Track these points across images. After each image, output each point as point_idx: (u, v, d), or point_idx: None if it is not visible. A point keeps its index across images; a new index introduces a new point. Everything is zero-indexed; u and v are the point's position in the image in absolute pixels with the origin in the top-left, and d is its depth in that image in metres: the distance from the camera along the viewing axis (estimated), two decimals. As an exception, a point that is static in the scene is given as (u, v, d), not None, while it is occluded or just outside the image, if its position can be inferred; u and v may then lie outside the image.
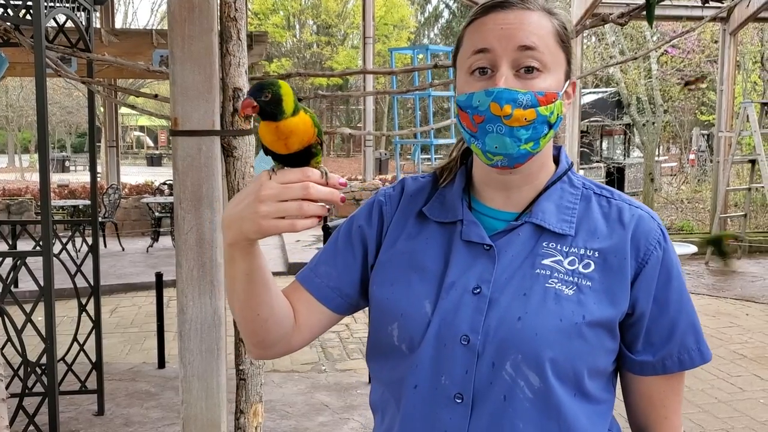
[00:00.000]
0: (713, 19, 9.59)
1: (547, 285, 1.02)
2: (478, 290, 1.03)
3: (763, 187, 9.82)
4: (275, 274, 8.75)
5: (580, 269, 1.03)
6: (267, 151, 0.95)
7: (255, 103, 0.89)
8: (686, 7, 10.35)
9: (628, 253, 1.05)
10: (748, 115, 9.79)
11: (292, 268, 9.10)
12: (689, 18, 10.20)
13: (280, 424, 4.43)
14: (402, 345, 1.06)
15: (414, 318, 1.05)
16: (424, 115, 13.53)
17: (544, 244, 1.05)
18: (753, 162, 10.26)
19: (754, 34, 16.81)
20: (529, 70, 1.01)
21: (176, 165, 2.43)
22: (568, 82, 1.07)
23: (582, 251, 1.05)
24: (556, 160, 1.14)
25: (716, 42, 14.07)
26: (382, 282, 1.11)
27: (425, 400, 1.04)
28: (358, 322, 6.84)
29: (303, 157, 0.94)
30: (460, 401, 1.01)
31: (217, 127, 2.45)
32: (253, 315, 1.06)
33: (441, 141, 11.66)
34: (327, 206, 0.92)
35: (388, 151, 22.48)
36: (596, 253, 1.05)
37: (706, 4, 4.29)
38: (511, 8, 1.03)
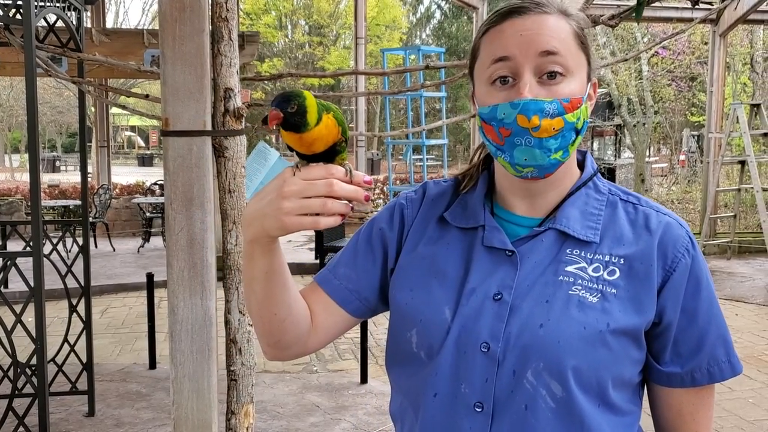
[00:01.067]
0: (703, 20, 9.65)
1: (570, 292, 0.99)
2: (499, 296, 1.01)
3: (752, 187, 9.88)
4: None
5: (605, 276, 1.01)
6: (291, 149, 0.95)
7: (282, 114, 0.87)
8: (676, 8, 10.41)
9: (654, 260, 1.02)
10: (737, 117, 9.85)
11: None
12: (679, 19, 10.25)
13: (272, 425, 4.43)
14: (420, 352, 1.04)
15: (433, 324, 1.03)
16: (416, 116, 13.54)
17: (567, 250, 1.03)
18: (742, 163, 10.32)
19: (744, 35, 16.92)
20: (552, 75, 0.98)
21: (167, 165, 2.43)
22: (589, 84, 1.05)
23: (607, 258, 1.02)
24: (582, 166, 1.12)
25: (706, 44, 14.15)
26: (401, 287, 1.09)
27: (445, 409, 1.01)
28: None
29: (327, 155, 0.93)
30: (480, 410, 0.99)
31: (209, 128, 2.44)
32: (270, 315, 1.05)
33: (433, 142, 11.67)
34: (351, 204, 0.90)
35: (380, 152, 22.48)
36: (621, 260, 1.02)
37: (696, 6, 4.31)
38: (528, 13, 1.00)
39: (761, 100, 12.47)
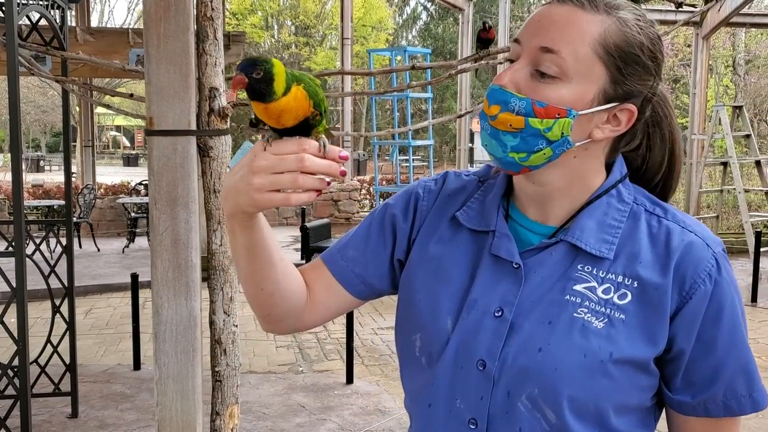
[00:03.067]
0: (686, 23, 9.74)
1: (575, 315, 0.93)
2: (499, 313, 0.96)
3: (734, 188, 9.98)
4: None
5: (615, 299, 0.93)
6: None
7: (246, 80, 0.83)
8: (660, 10, 10.50)
9: (670, 286, 0.93)
10: (720, 118, 9.94)
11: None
12: (663, 22, 10.33)
13: (257, 426, 4.42)
14: (422, 357, 1.02)
15: (435, 333, 1.00)
16: (402, 117, 13.55)
17: (579, 266, 0.96)
18: (725, 164, 10.43)
19: (726, 38, 17.08)
20: (543, 74, 0.92)
21: (151, 165, 2.42)
22: (609, 105, 0.94)
23: (620, 278, 0.94)
24: (610, 170, 1.02)
25: (689, 46, 14.27)
26: (409, 286, 1.06)
27: (439, 422, 0.99)
28: (336, 323, 6.83)
29: (301, 129, 0.88)
30: (474, 427, 0.96)
31: (193, 127, 2.44)
32: (256, 289, 1.03)
33: (419, 142, 11.69)
34: (327, 180, 0.86)
35: (366, 152, 22.48)
36: (635, 282, 0.94)
37: (680, 8, 4.35)
38: (566, 3, 0.93)
39: (743, 102, 12.60)
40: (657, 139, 1.05)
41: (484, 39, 3.38)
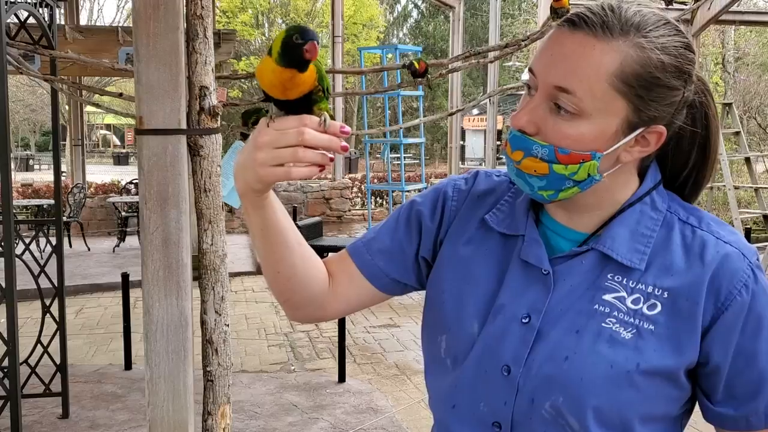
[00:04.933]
0: (676, 21, 9.76)
1: (603, 324, 0.92)
2: (527, 319, 0.95)
3: (724, 185, 10.03)
4: (243, 274, 8.54)
5: (644, 310, 0.92)
6: (267, 97, 0.92)
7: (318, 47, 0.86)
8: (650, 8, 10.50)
9: (702, 297, 0.91)
10: (710, 116, 9.97)
11: (261, 268, 9.04)
12: (654, 20, 10.35)
13: (249, 425, 4.41)
14: (447, 359, 1.02)
15: (461, 336, 1.00)
16: (394, 115, 13.55)
17: (609, 276, 0.94)
18: (715, 161, 10.45)
19: (716, 36, 17.16)
20: (561, 107, 0.89)
21: (141, 164, 2.40)
22: (635, 134, 0.91)
23: (650, 289, 0.92)
24: (643, 176, 0.99)
25: (680, 43, 14.29)
26: (437, 287, 1.06)
27: (462, 424, 0.99)
28: (328, 322, 6.82)
29: (303, 105, 0.91)
30: (498, 430, 0.96)
31: (184, 126, 2.42)
32: (274, 272, 1.05)
33: (410, 140, 11.69)
34: (329, 155, 0.88)
35: (357, 150, 22.46)
36: (666, 293, 0.92)
37: (670, 6, 4.37)
38: (577, 30, 0.89)
39: (732, 100, 12.66)
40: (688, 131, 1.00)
41: (557, 8, 3.23)
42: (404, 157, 12.08)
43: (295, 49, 0.84)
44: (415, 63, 3.11)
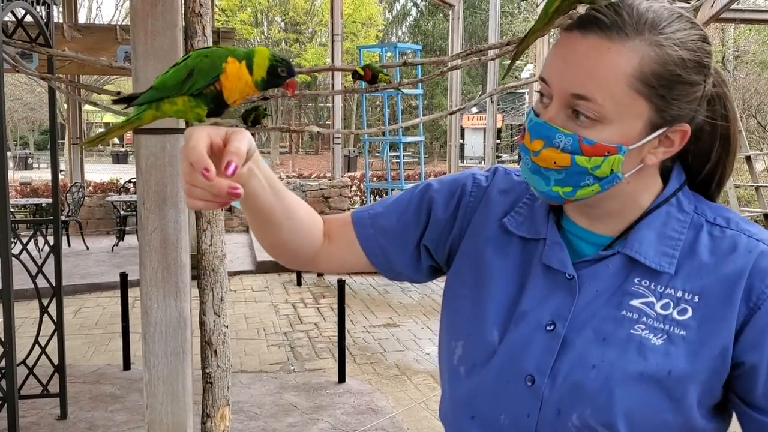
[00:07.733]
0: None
1: (632, 331, 0.88)
2: (551, 327, 0.91)
3: (725, 184, 10.02)
4: (243, 272, 8.51)
5: (675, 315, 0.88)
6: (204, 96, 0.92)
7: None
8: (651, 7, 10.49)
9: (737, 298, 0.86)
10: (710, 114, 9.96)
11: (260, 267, 9.03)
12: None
13: (249, 426, 4.38)
14: (461, 367, 0.97)
15: (479, 344, 0.96)
16: (393, 113, 13.52)
17: (635, 280, 0.90)
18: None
19: (716, 34, 17.15)
20: (580, 113, 0.86)
21: (139, 164, 2.38)
22: (658, 133, 0.87)
23: (680, 294, 0.88)
24: (667, 177, 0.95)
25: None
26: (455, 289, 1.03)
27: None
28: (327, 321, 6.80)
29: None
30: None
31: (182, 125, 2.40)
32: (260, 236, 1.05)
33: (409, 139, 11.66)
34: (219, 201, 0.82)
35: (356, 149, 22.46)
36: (696, 297, 0.88)
37: (673, 4, 4.34)
38: (588, 34, 0.84)
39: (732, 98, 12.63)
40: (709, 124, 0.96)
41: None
42: (403, 156, 12.05)
43: (277, 79, 0.89)
44: (359, 70, 3.05)
